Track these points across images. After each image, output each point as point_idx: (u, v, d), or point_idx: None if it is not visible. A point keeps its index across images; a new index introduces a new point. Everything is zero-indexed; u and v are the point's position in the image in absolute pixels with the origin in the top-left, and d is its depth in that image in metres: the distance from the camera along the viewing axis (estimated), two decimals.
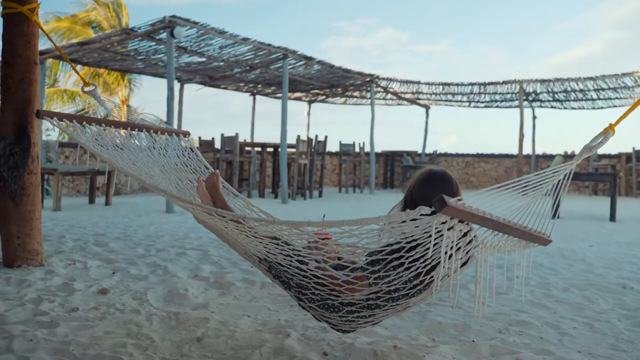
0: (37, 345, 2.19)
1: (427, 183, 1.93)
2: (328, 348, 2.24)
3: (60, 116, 2.58)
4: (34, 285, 3.14)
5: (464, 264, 1.76)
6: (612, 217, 7.48)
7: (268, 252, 2.04)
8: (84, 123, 2.62)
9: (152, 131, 2.94)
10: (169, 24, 7.92)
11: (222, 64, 10.88)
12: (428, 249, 1.62)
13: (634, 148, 12.92)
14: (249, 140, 14.16)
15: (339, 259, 2.03)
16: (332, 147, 15.26)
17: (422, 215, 1.51)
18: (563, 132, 27.73)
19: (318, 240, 1.87)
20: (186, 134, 3.11)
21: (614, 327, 2.64)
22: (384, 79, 13.70)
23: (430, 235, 1.55)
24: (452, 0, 43.98)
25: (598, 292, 3.33)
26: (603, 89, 13.34)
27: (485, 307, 1.79)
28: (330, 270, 1.88)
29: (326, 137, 11.47)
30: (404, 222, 1.58)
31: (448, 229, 1.52)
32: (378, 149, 14.66)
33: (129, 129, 2.84)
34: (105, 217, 6.66)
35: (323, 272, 1.88)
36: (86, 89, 3.15)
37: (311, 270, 1.90)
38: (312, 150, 10.68)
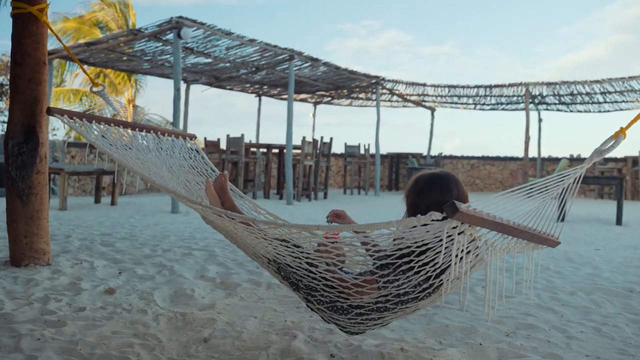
0: (44, 344, 2.20)
1: (439, 187, 1.89)
2: (335, 350, 2.24)
3: (71, 114, 2.60)
4: (41, 284, 3.16)
5: (472, 266, 1.76)
6: (619, 221, 7.45)
7: (277, 254, 2.04)
8: (93, 121, 2.63)
9: (159, 132, 2.95)
10: (176, 25, 7.94)
11: (228, 65, 10.90)
12: (438, 252, 1.62)
13: None
14: (254, 141, 14.17)
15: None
16: (337, 148, 15.22)
17: (433, 220, 1.52)
18: (569, 135, 27.67)
19: (327, 243, 1.86)
20: (192, 137, 3.11)
21: (621, 332, 2.63)
22: (389, 80, 13.69)
23: (441, 240, 1.54)
24: (456, 2, 43.92)
25: (605, 295, 3.32)
26: (610, 92, 13.29)
27: (494, 310, 1.79)
28: (339, 273, 1.89)
29: (331, 138, 11.48)
30: (415, 227, 1.59)
31: (459, 234, 1.53)
32: (383, 150, 14.64)
33: (136, 129, 2.85)
34: (111, 217, 6.67)
35: (332, 274, 1.89)
36: (95, 89, 3.16)
37: (320, 273, 1.91)
38: (317, 151, 10.68)
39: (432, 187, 1.90)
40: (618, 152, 13.87)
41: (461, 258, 1.59)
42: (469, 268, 1.68)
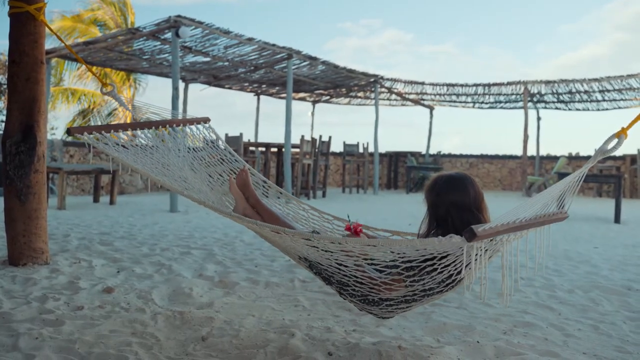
0: (42, 343, 2.20)
1: (456, 187, 2.05)
2: (333, 348, 2.24)
3: (90, 130, 2.55)
4: (40, 283, 3.16)
5: (489, 257, 1.90)
6: (617, 219, 7.45)
7: (308, 254, 2.16)
8: (112, 131, 2.60)
9: (174, 125, 2.91)
10: (174, 24, 7.94)
11: (226, 64, 10.89)
12: (459, 256, 1.76)
13: (638, 150, 12.88)
14: (253, 140, 14.17)
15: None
16: (336, 147, 15.20)
17: (453, 242, 1.70)
18: (568, 133, 27.67)
19: (353, 250, 1.97)
20: (206, 120, 3.08)
21: (619, 329, 2.63)
22: (388, 79, 13.69)
23: (462, 248, 1.71)
24: (457, 1, 43.94)
25: (603, 293, 3.32)
26: (608, 91, 13.31)
27: (508, 300, 1.93)
28: (368, 272, 2.02)
29: (330, 137, 11.48)
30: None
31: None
32: (382, 149, 14.64)
33: (152, 127, 2.82)
34: (109, 216, 6.67)
35: (362, 273, 2.02)
36: (105, 90, 3.12)
37: (351, 271, 2.03)
38: (316, 150, 10.68)
39: (449, 187, 2.06)
40: (617, 150, 13.88)
41: (480, 255, 1.72)
42: (486, 262, 1.81)
